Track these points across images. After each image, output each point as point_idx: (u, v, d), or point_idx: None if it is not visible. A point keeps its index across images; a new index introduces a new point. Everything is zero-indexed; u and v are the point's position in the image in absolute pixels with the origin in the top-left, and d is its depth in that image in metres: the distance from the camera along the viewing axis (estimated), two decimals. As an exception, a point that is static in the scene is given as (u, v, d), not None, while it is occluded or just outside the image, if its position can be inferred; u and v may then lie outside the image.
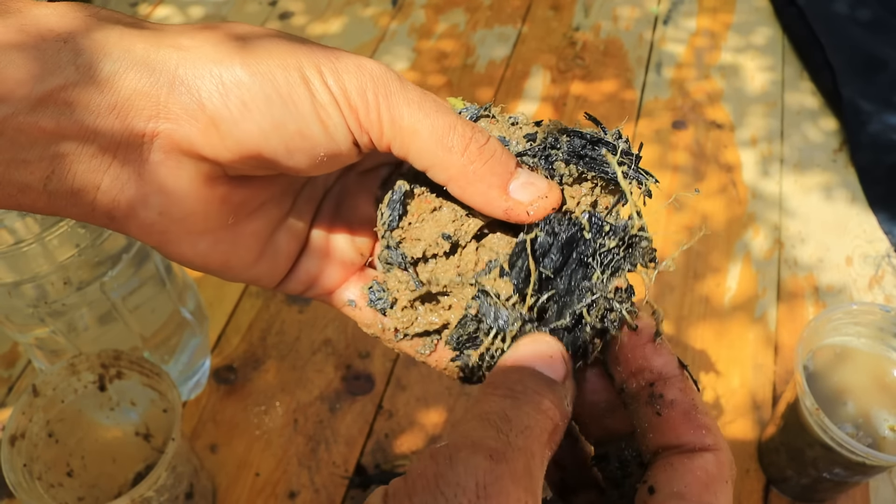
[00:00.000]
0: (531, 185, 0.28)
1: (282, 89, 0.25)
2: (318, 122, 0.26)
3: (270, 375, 0.69)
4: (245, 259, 0.31)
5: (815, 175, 0.88)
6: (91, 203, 0.26)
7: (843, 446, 0.51)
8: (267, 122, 0.26)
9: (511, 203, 0.27)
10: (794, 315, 0.74)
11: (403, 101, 0.26)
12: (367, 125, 0.26)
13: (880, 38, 1.02)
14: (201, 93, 0.25)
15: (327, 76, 0.26)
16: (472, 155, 0.27)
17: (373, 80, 0.26)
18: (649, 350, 0.28)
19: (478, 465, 0.22)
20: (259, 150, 0.26)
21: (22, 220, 0.46)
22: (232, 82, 0.25)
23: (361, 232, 0.35)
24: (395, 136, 0.27)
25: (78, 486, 0.56)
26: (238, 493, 0.62)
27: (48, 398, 0.53)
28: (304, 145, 0.26)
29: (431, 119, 0.26)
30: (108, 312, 0.55)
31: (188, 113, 0.25)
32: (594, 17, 1.09)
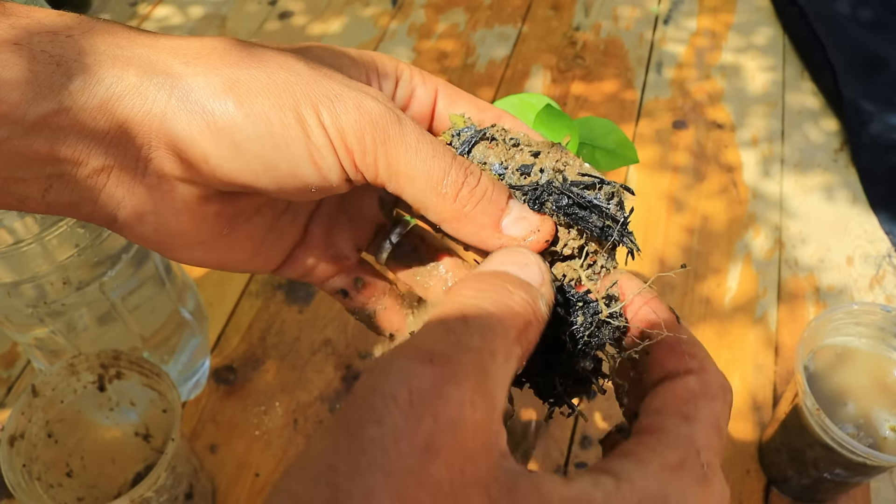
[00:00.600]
0: (523, 219, 0.28)
1: (275, 130, 0.25)
2: (310, 164, 0.26)
3: (270, 375, 0.69)
4: (240, 259, 0.31)
5: (815, 175, 0.88)
6: (89, 214, 0.27)
7: (844, 447, 0.51)
8: (258, 164, 0.26)
9: (504, 240, 0.28)
10: (795, 315, 0.74)
11: (401, 146, 0.26)
12: (362, 167, 0.26)
13: (881, 37, 1.01)
14: (192, 128, 0.25)
15: (325, 117, 0.26)
16: (463, 199, 0.27)
17: (371, 124, 0.26)
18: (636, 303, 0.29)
19: (413, 371, 0.20)
20: (249, 185, 0.26)
21: (21, 220, 0.46)
22: (224, 121, 0.25)
23: (361, 229, 0.35)
24: (390, 180, 0.27)
25: (77, 487, 0.56)
26: (238, 494, 0.62)
27: (47, 398, 0.53)
28: (295, 183, 0.27)
29: (427, 165, 0.27)
30: (107, 312, 0.55)
31: (179, 146, 0.25)
32: (594, 17, 1.09)
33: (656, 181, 0.87)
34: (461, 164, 0.27)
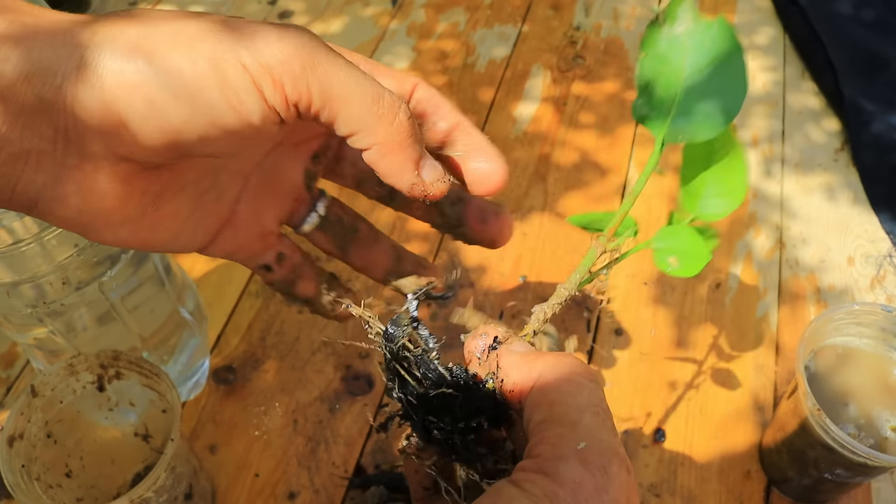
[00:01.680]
0: (434, 168, 0.29)
1: (188, 80, 0.24)
2: (230, 110, 0.25)
3: (270, 376, 0.69)
4: (165, 237, 0.31)
5: (816, 175, 0.88)
6: (7, 202, 0.26)
7: (845, 447, 0.51)
8: (176, 118, 0.25)
9: (418, 180, 0.28)
10: (796, 315, 0.74)
11: (333, 69, 0.26)
12: (293, 97, 0.26)
13: (883, 37, 1.01)
14: (104, 94, 0.24)
15: (244, 56, 0.25)
16: (399, 126, 0.27)
17: (298, 50, 0.25)
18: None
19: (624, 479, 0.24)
20: (174, 142, 0.26)
21: (20, 220, 0.46)
22: (135, 79, 0.24)
23: (283, 203, 0.35)
24: (324, 105, 0.26)
25: (77, 487, 0.56)
26: (237, 494, 0.62)
27: (47, 399, 0.53)
28: (219, 133, 0.26)
29: (362, 87, 0.26)
30: (106, 312, 0.55)
31: (95, 116, 0.24)
32: (595, 17, 1.09)
33: (657, 180, 0.86)
34: (393, 92, 0.27)
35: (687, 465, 0.64)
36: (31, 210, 0.27)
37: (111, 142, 0.25)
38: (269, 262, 0.36)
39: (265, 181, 0.34)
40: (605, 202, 0.84)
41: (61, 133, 0.25)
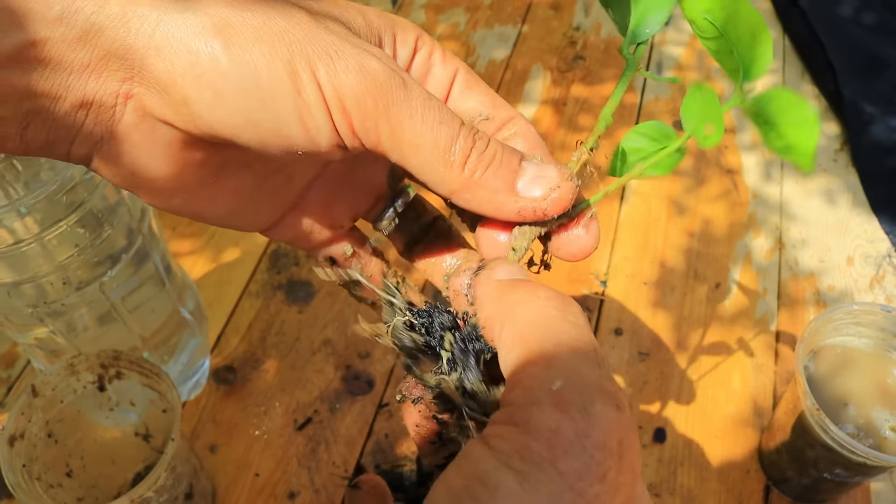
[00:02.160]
0: (540, 178, 0.26)
1: (262, 82, 0.23)
2: (298, 123, 0.24)
3: (270, 375, 0.69)
4: (220, 213, 0.29)
5: (816, 175, 0.88)
6: (66, 154, 0.25)
7: (844, 447, 0.51)
8: (240, 117, 0.24)
9: (522, 202, 0.26)
10: (795, 316, 0.74)
11: (406, 112, 0.24)
12: (361, 133, 0.25)
13: (882, 39, 1.01)
14: (174, 67, 0.23)
15: (321, 74, 0.24)
16: (472, 166, 0.25)
17: (374, 86, 0.24)
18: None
19: (612, 419, 0.20)
20: (231, 139, 0.25)
21: (21, 220, 0.46)
22: (208, 65, 0.23)
23: (362, 199, 0.33)
24: (392, 148, 0.25)
25: (77, 487, 0.56)
26: (238, 494, 0.62)
27: (47, 398, 0.53)
28: (280, 143, 0.25)
29: (434, 133, 0.25)
30: (107, 312, 0.55)
31: (160, 85, 0.23)
32: (594, 17, 1.09)
33: (656, 182, 0.87)
34: (469, 129, 0.26)
35: (687, 464, 0.64)
36: (87, 164, 0.26)
37: (170, 114, 0.24)
38: (335, 255, 0.34)
39: (344, 174, 0.32)
40: (605, 203, 0.84)
41: (125, 89, 0.24)
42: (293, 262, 0.78)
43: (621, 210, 0.84)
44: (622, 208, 0.84)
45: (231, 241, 0.80)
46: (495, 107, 0.29)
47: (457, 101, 0.30)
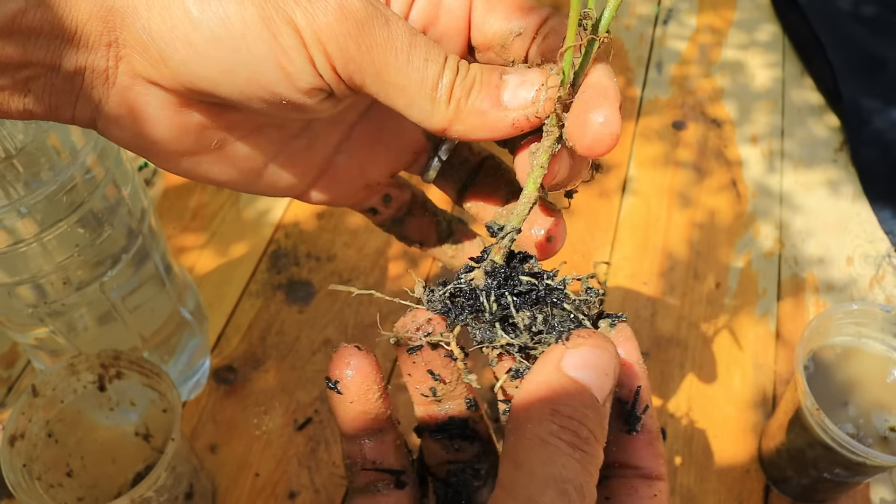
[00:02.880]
0: (523, 83, 0.25)
1: (234, 29, 0.23)
2: (276, 68, 0.24)
3: (270, 375, 0.69)
4: (238, 178, 0.29)
5: (816, 173, 0.88)
6: (70, 118, 0.26)
7: (844, 446, 0.51)
8: (215, 66, 0.23)
9: (514, 114, 0.25)
10: (795, 315, 0.74)
11: (391, 52, 0.24)
12: (345, 76, 0.24)
13: (881, 37, 1.01)
14: (150, 25, 0.23)
15: (298, 16, 0.23)
16: (457, 96, 0.25)
17: (356, 26, 0.23)
18: (633, 371, 0.27)
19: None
20: (213, 92, 0.24)
21: (21, 220, 0.46)
22: (180, 17, 0.23)
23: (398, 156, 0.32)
24: (378, 91, 0.25)
25: (77, 487, 0.56)
26: (238, 494, 0.62)
27: (48, 398, 0.53)
28: (260, 93, 0.24)
29: (420, 73, 0.24)
30: (107, 312, 0.55)
31: (139, 45, 0.24)
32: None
33: (657, 179, 0.87)
34: (453, 59, 0.25)
35: (687, 464, 0.64)
36: (93, 127, 0.26)
37: (154, 73, 0.24)
38: (374, 205, 0.33)
39: (374, 133, 0.31)
40: (606, 199, 0.84)
41: (113, 52, 0.24)
42: (293, 262, 0.78)
43: (621, 210, 0.84)
44: (622, 208, 0.84)
45: (232, 240, 0.80)
46: (524, 15, 0.27)
47: (481, 27, 0.28)
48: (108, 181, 0.49)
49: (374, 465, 0.28)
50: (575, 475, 0.22)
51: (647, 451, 0.26)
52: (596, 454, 0.23)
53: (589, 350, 0.24)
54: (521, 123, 0.25)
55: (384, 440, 0.28)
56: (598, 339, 0.25)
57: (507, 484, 0.22)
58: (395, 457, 0.28)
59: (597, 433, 0.23)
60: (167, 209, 0.82)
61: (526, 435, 0.23)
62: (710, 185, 0.86)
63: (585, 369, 0.24)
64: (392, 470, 0.28)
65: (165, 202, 0.83)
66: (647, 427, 0.27)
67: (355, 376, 0.26)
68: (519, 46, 0.27)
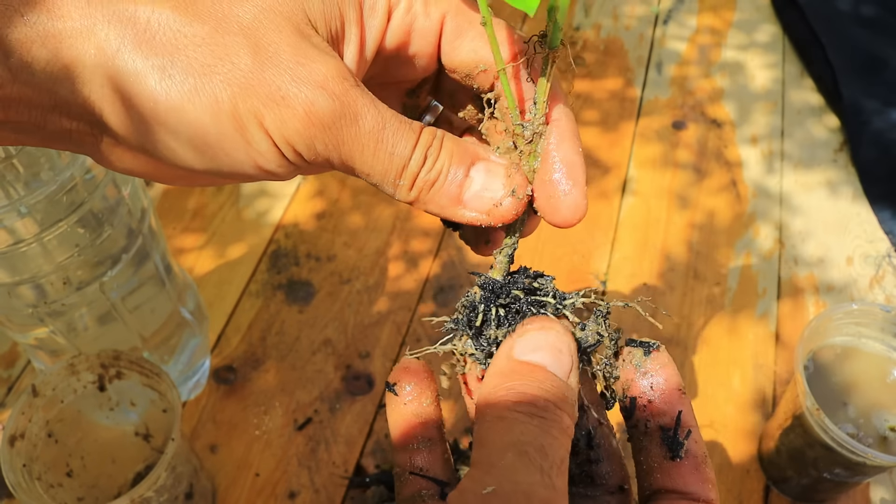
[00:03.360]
0: (485, 191, 0.27)
1: (210, 139, 0.24)
2: (253, 167, 0.25)
3: (270, 375, 0.69)
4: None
5: (816, 173, 0.88)
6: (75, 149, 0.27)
7: (844, 446, 0.51)
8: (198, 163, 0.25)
9: (470, 213, 0.27)
10: (795, 315, 0.74)
11: (357, 148, 0.25)
12: (315, 161, 0.26)
13: (881, 37, 1.01)
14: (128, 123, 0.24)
15: (268, 122, 0.24)
16: (419, 186, 0.27)
17: (323, 131, 0.24)
18: (674, 397, 0.28)
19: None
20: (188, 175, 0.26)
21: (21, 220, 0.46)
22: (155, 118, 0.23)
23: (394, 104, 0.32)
24: (348, 170, 0.26)
25: (77, 487, 0.56)
26: (238, 494, 0.62)
27: (48, 398, 0.53)
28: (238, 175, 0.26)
29: (383, 164, 0.26)
30: (107, 312, 0.55)
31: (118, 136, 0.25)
32: (594, 17, 1.09)
33: (657, 179, 0.87)
34: (423, 146, 0.26)
35: (686, 464, 0.64)
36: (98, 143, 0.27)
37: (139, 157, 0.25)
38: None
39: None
40: (606, 199, 0.84)
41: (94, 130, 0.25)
42: (293, 262, 0.78)
43: (621, 210, 0.84)
44: (622, 208, 0.84)
45: (231, 240, 0.80)
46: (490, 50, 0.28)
47: (449, 53, 0.28)
48: (107, 181, 0.49)
49: (422, 472, 0.29)
50: (534, 437, 0.22)
51: (694, 477, 0.26)
52: (558, 420, 0.23)
53: (534, 334, 0.26)
54: (475, 221, 0.27)
55: (433, 450, 0.29)
56: (543, 321, 0.26)
57: (474, 461, 0.23)
58: (443, 469, 0.29)
59: (558, 402, 0.24)
60: (167, 209, 0.82)
61: (486, 418, 0.24)
62: (709, 186, 0.86)
63: (536, 352, 0.25)
64: (438, 480, 0.28)
65: (165, 202, 0.83)
66: (691, 452, 0.27)
67: (411, 379, 0.28)
68: (483, 78, 0.28)
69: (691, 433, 0.27)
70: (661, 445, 0.27)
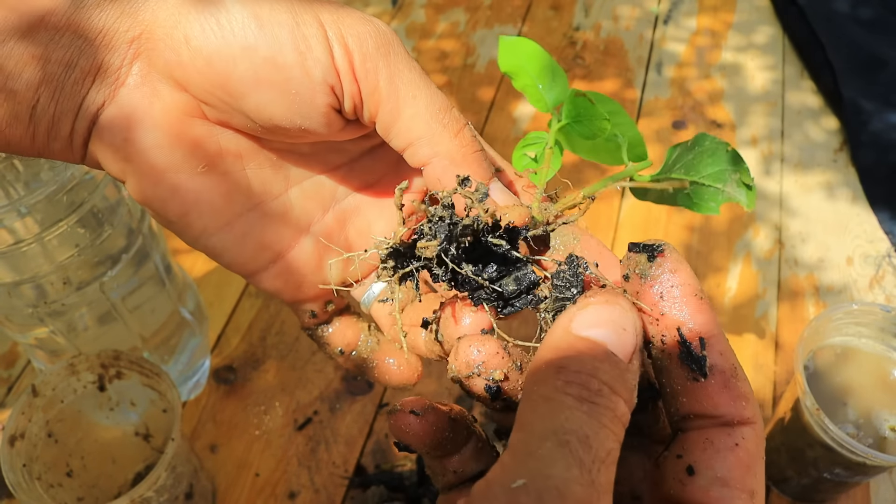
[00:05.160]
0: (505, 192, 0.27)
1: (262, 13, 0.24)
2: (293, 50, 0.25)
3: (270, 375, 0.69)
4: (207, 221, 0.28)
5: (815, 174, 0.88)
6: (68, 136, 0.26)
7: (844, 446, 0.51)
8: (237, 43, 0.24)
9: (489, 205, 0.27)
10: (795, 315, 0.74)
11: (407, 65, 0.25)
12: (360, 73, 0.25)
13: (881, 37, 1.01)
14: (181, 10, 0.24)
15: (323, 16, 0.25)
16: (465, 139, 0.26)
17: (378, 34, 0.25)
18: (692, 304, 0.25)
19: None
20: (227, 75, 0.25)
21: (21, 220, 0.46)
22: (212, 6, 0.24)
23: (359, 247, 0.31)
24: (389, 95, 0.25)
25: (77, 487, 0.56)
26: (238, 494, 0.62)
27: (48, 398, 0.53)
28: (273, 76, 0.25)
29: (431, 91, 0.25)
30: (107, 312, 0.55)
31: (166, 31, 0.25)
32: (594, 17, 1.09)
33: (656, 181, 0.87)
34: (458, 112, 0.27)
35: (686, 464, 0.64)
36: (84, 149, 0.27)
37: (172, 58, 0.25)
38: (315, 309, 0.32)
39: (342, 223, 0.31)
40: (606, 200, 0.84)
41: (133, 49, 0.25)
42: (293, 262, 0.78)
43: (621, 211, 0.84)
44: (622, 209, 0.84)
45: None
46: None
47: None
48: (107, 181, 0.49)
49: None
50: (579, 426, 0.20)
51: (724, 395, 0.23)
52: (611, 406, 0.21)
53: (597, 307, 0.23)
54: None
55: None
56: (608, 294, 0.24)
57: (511, 445, 0.21)
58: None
59: (614, 386, 0.21)
60: (167, 210, 0.82)
61: (531, 397, 0.21)
62: (709, 186, 0.86)
63: (597, 327, 0.22)
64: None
65: (165, 203, 0.83)
66: (717, 368, 0.23)
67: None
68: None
69: (715, 345, 0.24)
70: (682, 365, 0.24)
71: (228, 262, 0.30)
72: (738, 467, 0.22)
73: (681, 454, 0.23)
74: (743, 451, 0.22)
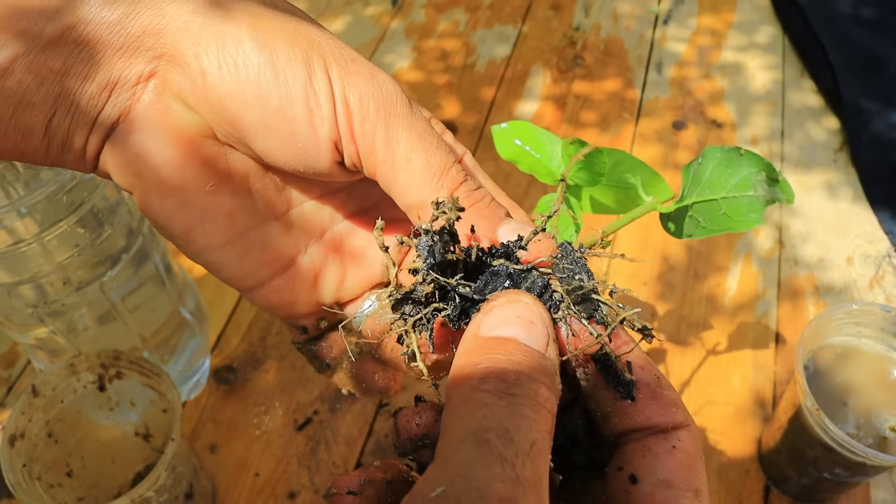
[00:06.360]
0: (521, 230, 0.26)
1: (278, 63, 0.25)
2: (304, 106, 0.25)
3: (270, 375, 0.69)
4: (211, 238, 0.28)
5: (816, 174, 0.88)
6: (82, 148, 0.26)
7: (844, 446, 0.51)
8: (251, 90, 0.25)
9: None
10: (795, 315, 0.74)
11: (405, 126, 0.25)
12: (358, 135, 0.25)
13: (881, 37, 1.01)
14: (200, 44, 0.25)
15: (333, 70, 0.25)
16: (464, 195, 0.26)
17: (380, 95, 0.25)
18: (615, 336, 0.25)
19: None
20: (238, 117, 0.25)
21: (21, 220, 0.46)
22: (232, 44, 0.25)
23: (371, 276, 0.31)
24: (385, 159, 0.25)
25: (77, 487, 0.56)
26: (238, 494, 0.62)
27: (48, 398, 0.53)
28: (282, 127, 0.25)
29: (429, 153, 0.25)
30: (107, 312, 0.55)
31: (183, 60, 0.25)
32: (594, 17, 1.09)
33: (656, 181, 0.87)
34: (462, 166, 0.26)
35: (686, 464, 0.64)
36: (96, 159, 0.27)
37: (187, 86, 0.25)
38: (307, 325, 0.32)
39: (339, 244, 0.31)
40: (604, 202, 0.84)
41: (150, 67, 0.25)
42: (293, 262, 0.78)
43: (621, 209, 0.84)
44: (622, 208, 0.84)
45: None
46: None
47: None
48: (108, 181, 0.49)
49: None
50: (498, 422, 0.20)
51: (654, 407, 0.24)
52: (531, 394, 0.21)
53: (502, 308, 0.23)
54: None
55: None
56: (510, 294, 0.24)
57: (435, 455, 0.20)
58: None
59: (532, 373, 0.21)
60: (167, 210, 0.82)
61: (450, 402, 0.21)
62: (709, 186, 0.86)
63: (505, 325, 0.23)
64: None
65: (165, 203, 0.83)
66: (642, 382, 0.24)
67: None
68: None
69: (635, 361, 0.24)
70: (606, 388, 0.24)
71: (227, 277, 0.30)
72: (678, 468, 0.23)
73: (621, 466, 0.23)
74: (681, 453, 0.23)
